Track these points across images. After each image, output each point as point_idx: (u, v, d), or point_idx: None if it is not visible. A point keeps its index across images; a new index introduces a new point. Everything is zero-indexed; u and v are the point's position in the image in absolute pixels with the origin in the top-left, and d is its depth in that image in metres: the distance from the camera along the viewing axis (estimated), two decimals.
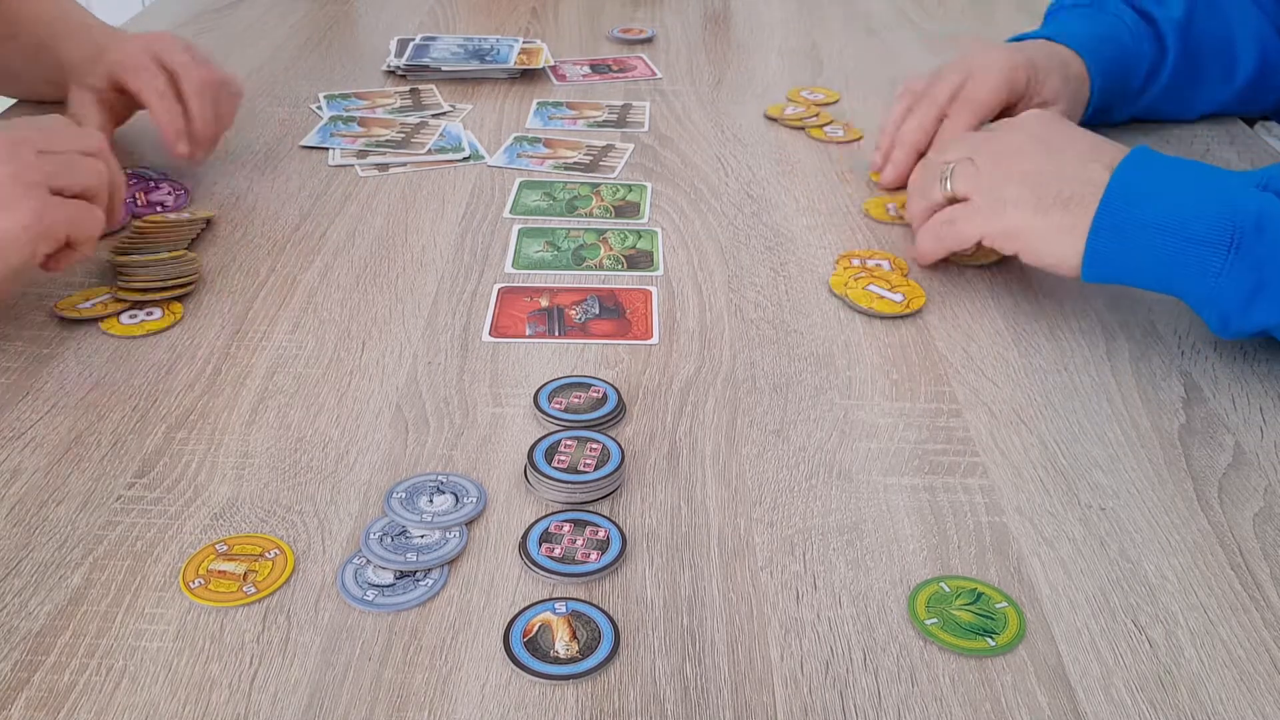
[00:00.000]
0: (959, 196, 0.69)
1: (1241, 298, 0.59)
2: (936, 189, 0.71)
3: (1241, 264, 0.58)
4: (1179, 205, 0.60)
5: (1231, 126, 0.96)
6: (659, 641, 0.46)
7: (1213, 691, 0.44)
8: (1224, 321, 0.61)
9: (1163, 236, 0.60)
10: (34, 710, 0.43)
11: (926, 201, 0.72)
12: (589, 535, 0.51)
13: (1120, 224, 0.61)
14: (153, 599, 0.48)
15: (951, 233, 0.69)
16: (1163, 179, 0.62)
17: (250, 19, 1.22)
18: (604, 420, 0.59)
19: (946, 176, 0.70)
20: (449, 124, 0.95)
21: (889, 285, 0.71)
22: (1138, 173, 0.62)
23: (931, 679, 0.45)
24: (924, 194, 0.73)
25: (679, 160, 0.90)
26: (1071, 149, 0.66)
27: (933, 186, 0.71)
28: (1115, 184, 0.62)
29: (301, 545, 0.50)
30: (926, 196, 0.72)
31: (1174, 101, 0.93)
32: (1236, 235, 0.58)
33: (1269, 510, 0.54)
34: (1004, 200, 0.66)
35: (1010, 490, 0.55)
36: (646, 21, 1.23)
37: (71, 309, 0.67)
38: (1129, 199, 0.61)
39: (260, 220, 0.79)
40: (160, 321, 0.67)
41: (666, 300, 0.70)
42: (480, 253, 0.75)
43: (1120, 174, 0.62)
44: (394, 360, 0.64)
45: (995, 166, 0.67)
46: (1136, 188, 0.62)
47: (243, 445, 0.57)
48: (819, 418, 0.60)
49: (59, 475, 0.55)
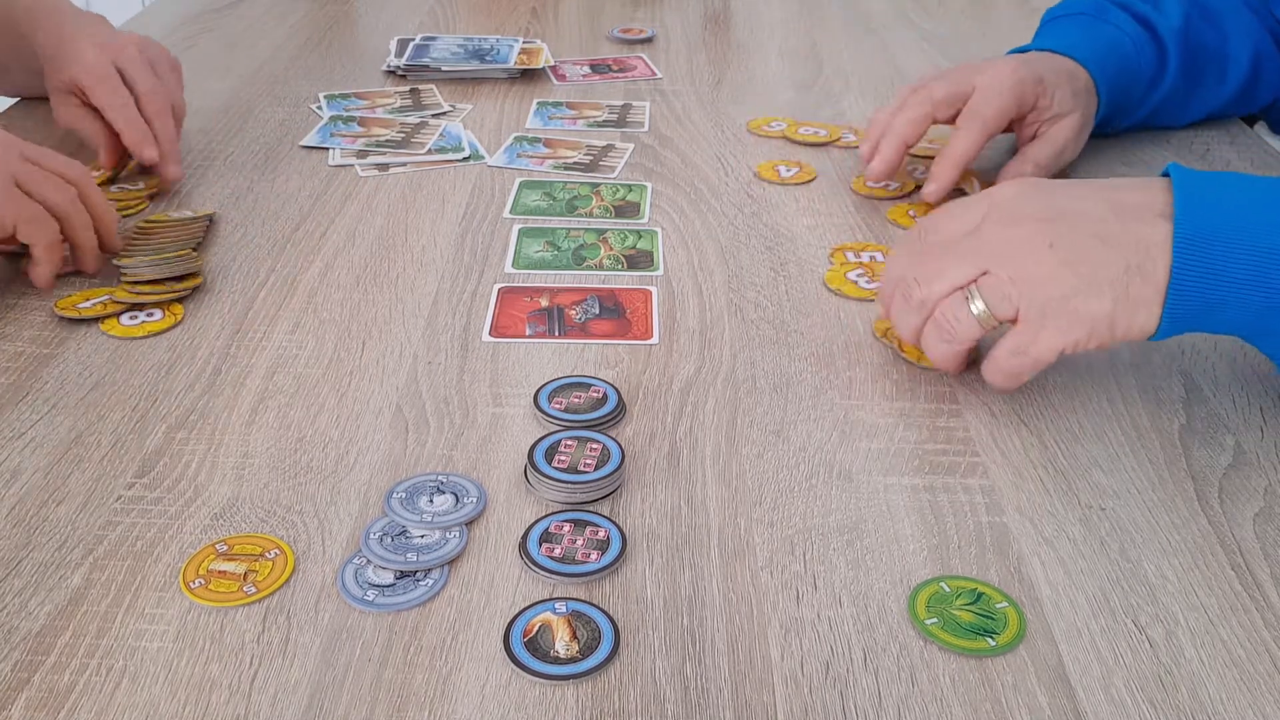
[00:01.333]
0: (1001, 320, 0.57)
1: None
2: (967, 325, 0.58)
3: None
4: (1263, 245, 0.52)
5: (1231, 126, 0.96)
6: (659, 641, 0.46)
7: (1213, 691, 0.44)
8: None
9: (1249, 288, 0.53)
10: (34, 710, 0.43)
11: (957, 344, 0.59)
12: (589, 535, 0.51)
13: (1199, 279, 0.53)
14: (153, 599, 0.48)
15: (1029, 364, 0.57)
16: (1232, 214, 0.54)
17: (250, 19, 1.22)
18: (604, 420, 0.59)
19: (973, 299, 0.57)
20: (449, 124, 0.95)
21: (872, 275, 0.72)
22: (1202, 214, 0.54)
23: (931, 679, 0.45)
24: (949, 337, 0.59)
25: (679, 160, 0.90)
26: (1098, 212, 0.56)
27: (960, 325, 0.58)
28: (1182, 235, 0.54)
29: (301, 545, 0.50)
30: (955, 339, 0.58)
31: (1172, 110, 0.92)
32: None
33: (1269, 510, 0.54)
34: (1067, 300, 0.55)
35: (1010, 490, 0.55)
36: (646, 21, 1.24)
37: (72, 309, 0.67)
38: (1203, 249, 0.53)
39: (260, 220, 0.79)
40: (161, 323, 0.67)
41: (666, 300, 0.70)
42: (480, 253, 0.75)
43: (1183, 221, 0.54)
44: (394, 360, 0.64)
45: (1030, 269, 0.56)
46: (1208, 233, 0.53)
47: (243, 445, 0.57)
48: (819, 418, 0.60)
49: (59, 475, 0.55)
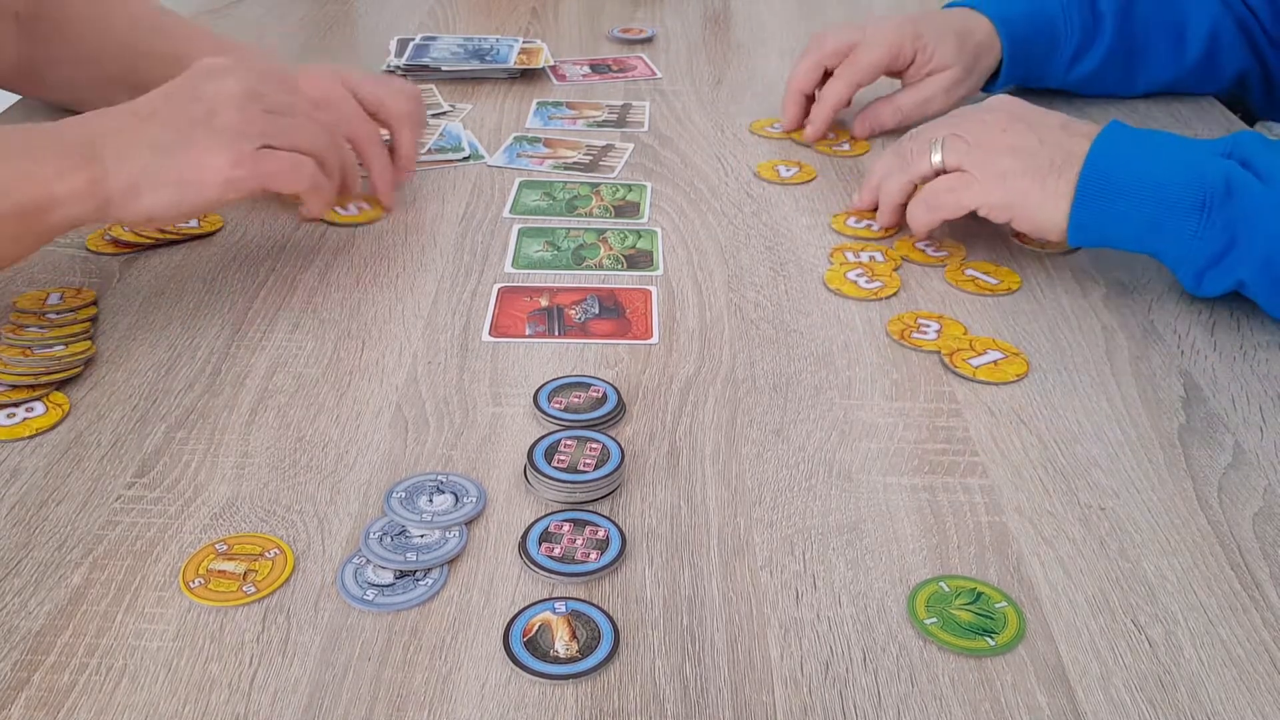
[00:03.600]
0: (949, 168, 0.72)
1: (1213, 256, 0.64)
2: (923, 161, 0.73)
3: (1212, 226, 0.63)
4: (1153, 172, 0.65)
5: (1232, 125, 0.96)
6: (659, 641, 0.46)
7: (1212, 691, 0.44)
8: (1198, 279, 0.66)
9: (1139, 201, 0.65)
10: (34, 710, 0.43)
11: (908, 175, 0.74)
12: (589, 535, 0.51)
13: (1100, 190, 0.66)
14: (153, 599, 0.48)
15: (950, 201, 0.72)
16: (1137, 148, 0.67)
17: (250, 19, 1.22)
18: (604, 420, 0.59)
19: (934, 148, 0.72)
20: (449, 124, 0.95)
21: (871, 275, 0.72)
22: (1114, 142, 0.67)
23: (931, 679, 0.45)
24: (905, 168, 0.75)
25: (679, 160, 0.90)
26: (1050, 125, 0.70)
27: (919, 159, 0.73)
28: (1094, 153, 0.66)
29: (301, 545, 0.50)
30: (908, 170, 0.74)
31: (1115, 77, 0.97)
32: (1207, 199, 0.63)
33: (1269, 510, 0.54)
34: (1000, 171, 0.69)
35: (1010, 490, 0.55)
36: (646, 21, 1.23)
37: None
38: (1107, 166, 0.66)
39: (260, 220, 0.79)
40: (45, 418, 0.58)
41: (666, 300, 0.70)
42: (480, 252, 0.75)
43: (1098, 144, 0.67)
44: (394, 360, 0.64)
45: (985, 140, 0.71)
46: (1113, 156, 0.66)
47: (242, 445, 0.57)
48: (819, 418, 0.60)
49: (59, 475, 0.55)
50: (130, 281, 0.71)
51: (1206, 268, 0.65)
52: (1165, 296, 0.71)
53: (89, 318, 0.66)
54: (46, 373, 0.60)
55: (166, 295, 0.70)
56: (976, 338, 0.66)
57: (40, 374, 0.60)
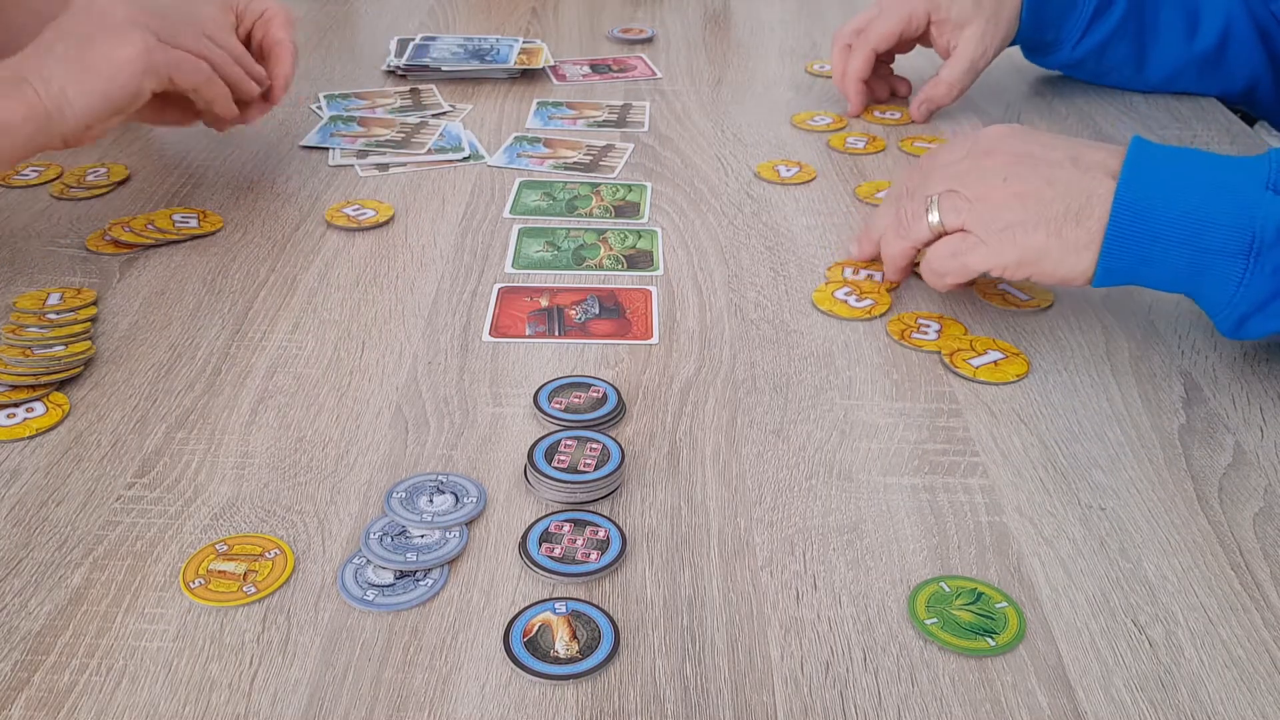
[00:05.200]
0: (950, 229, 0.65)
1: (1258, 302, 0.58)
2: (920, 226, 0.66)
3: (1261, 272, 0.57)
4: (1195, 210, 0.58)
5: (1232, 125, 0.96)
6: (659, 641, 0.46)
7: (1213, 691, 0.44)
8: (1238, 325, 0.60)
9: (1179, 245, 0.58)
10: (34, 710, 0.43)
11: (908, 241, 0.67)
12: (589, 535, 0.51)
13: (1132, 235, 0.59)
14: (153, 599, 0.48)
15: (956, 267, 0.64)
16: (1172, 179, 0.59)
17: None
18: (604, 420, 0.59)
19: (931, 209, 0.65)
20: (449, 124, 0.95)
21: (860, 293, 0.70)
22: (1143, 175, 0.59)
23: (931, 679, 0.45)
24: (904, 234, 0.68)
25: (679, 160, 0.90)
26: (1058, 160, 0.62)
27: (916, 224, 0.66)
28: (1124, 191, 0.59)
29: (301, 545, 0.50)
30: (908, 236, 0.67)
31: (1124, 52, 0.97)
32: (1255, 244, 0.57)
33: (1269, 510, 0.54)
34: (1008, 227, 0.62)
35: (1010, 490, 0.55)
36: (646, 21, 1.23)
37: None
38: (1141, 207, 0.58)
39: (260, 220, 0.79)
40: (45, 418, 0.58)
41: (666, 300, 0.70)
42: (480, 253, 0.75)
43: (1126, 179, 0.59)
44: (394, 360, 0.64)
45: (985, 193, 0.63)
46: (1145, 192, 0.59)
47: (243, 445, 0.57)
48: (819, 418, 0.60)
49: (59, 475, 0.55)
50: (130, 281, 0.71)
51: (1251, 313, 0.59)
52: (1165, 296, 0.71)
53: (89, 318, 0.66)
54: (46, 373, 0.60)
55: (166, 295, 0.70)
56: (976, 338, 0.66)
57: (40, 374, 0.60)
